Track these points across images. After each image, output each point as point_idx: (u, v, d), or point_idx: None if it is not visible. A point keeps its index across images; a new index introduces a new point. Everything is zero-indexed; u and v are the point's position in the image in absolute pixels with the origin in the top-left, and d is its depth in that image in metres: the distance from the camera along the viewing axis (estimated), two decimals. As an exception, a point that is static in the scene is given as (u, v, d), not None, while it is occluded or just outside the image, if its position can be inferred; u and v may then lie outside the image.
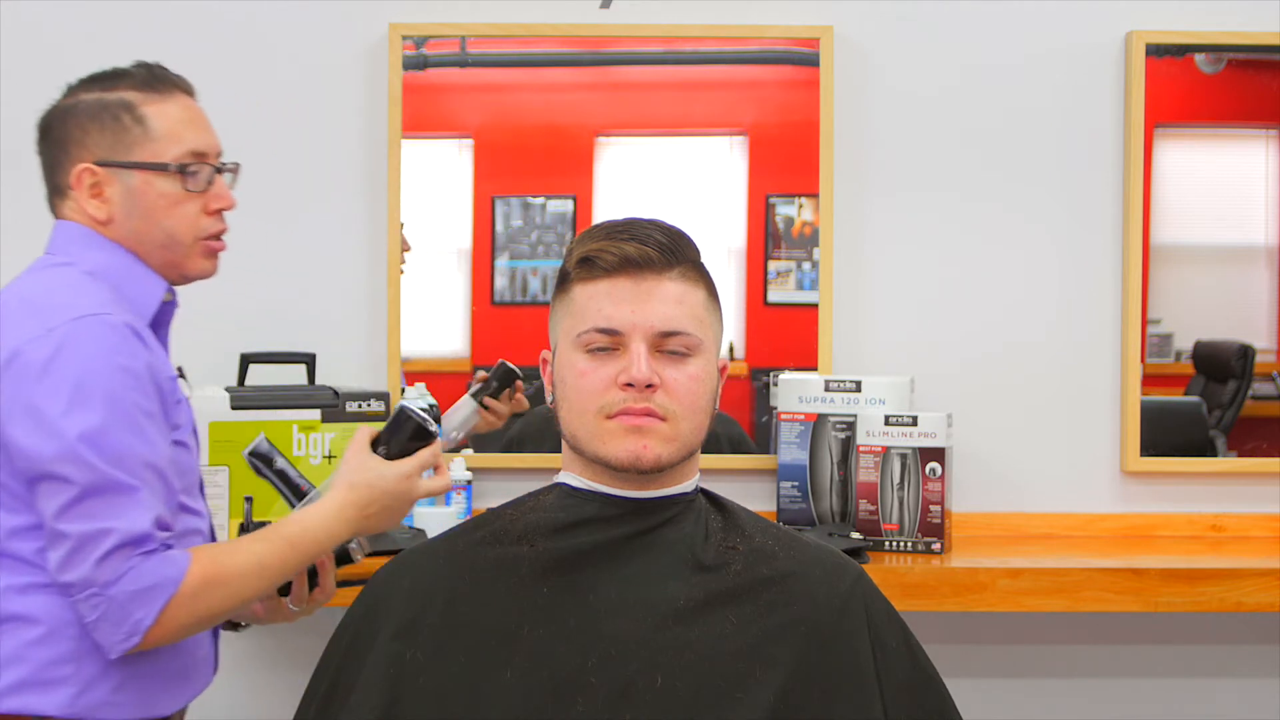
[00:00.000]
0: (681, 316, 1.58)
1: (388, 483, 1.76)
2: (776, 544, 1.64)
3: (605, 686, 1.50)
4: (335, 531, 1.75)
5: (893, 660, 1.61)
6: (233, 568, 1.68)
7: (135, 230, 1.78)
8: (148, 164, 1.77)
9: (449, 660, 1.53)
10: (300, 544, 1.73)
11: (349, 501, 1.75)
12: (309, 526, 1.74)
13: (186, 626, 1.65)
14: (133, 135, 1.78)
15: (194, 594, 1.63)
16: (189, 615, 1.64)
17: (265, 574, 1.71)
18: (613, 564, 1.57)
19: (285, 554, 1.72)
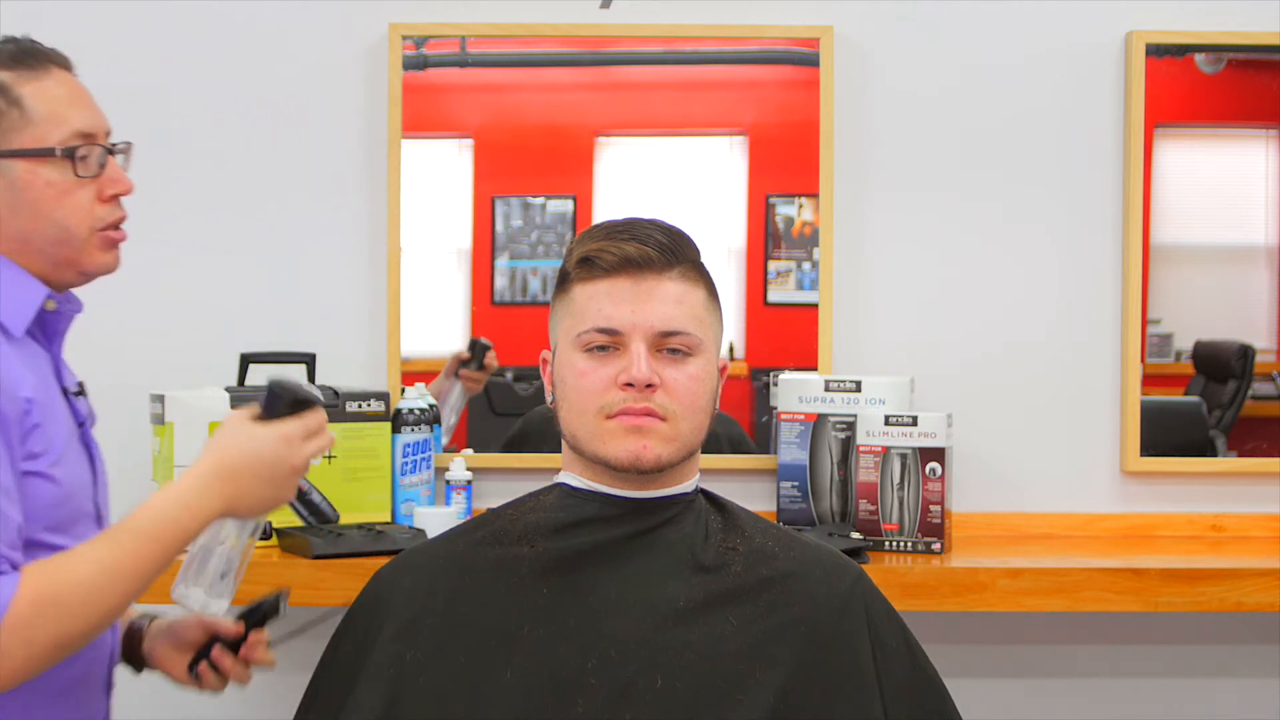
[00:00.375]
0: (681, 316, 1.58)
1: (260, 444, 1.52)
2: (776, 544, 1.64)
3: (605, 687, 1.50)
4: (198, 508, 1.50)
5: (892, 660, 1.61)
6: (74, 580, 1.43)
7: (21, 229, 1.56)
8: (30, 151, 1.56)
9: (449, 660, 1.53)
10: (156, 533, 1.47)
11: (212, 469, 1.50)
12: (163, 509, 1.49)
13: (31, 659, 1.42)
14: (9, 120, 1.56)
15: (27, 621, 1.40)
16: (28, 645, 1.41)
17: (119, 578, 1.46)
18: (613, 564, 1.57)
19: (139, 548, 1.46)
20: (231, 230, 2.69)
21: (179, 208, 2.68)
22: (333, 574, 2.26)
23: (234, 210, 2.69)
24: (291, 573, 2.28)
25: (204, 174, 2.68)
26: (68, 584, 1.43)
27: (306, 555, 2.31)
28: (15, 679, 1.42)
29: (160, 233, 2.68)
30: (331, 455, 2.45)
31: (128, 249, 1.65)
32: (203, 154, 2.68)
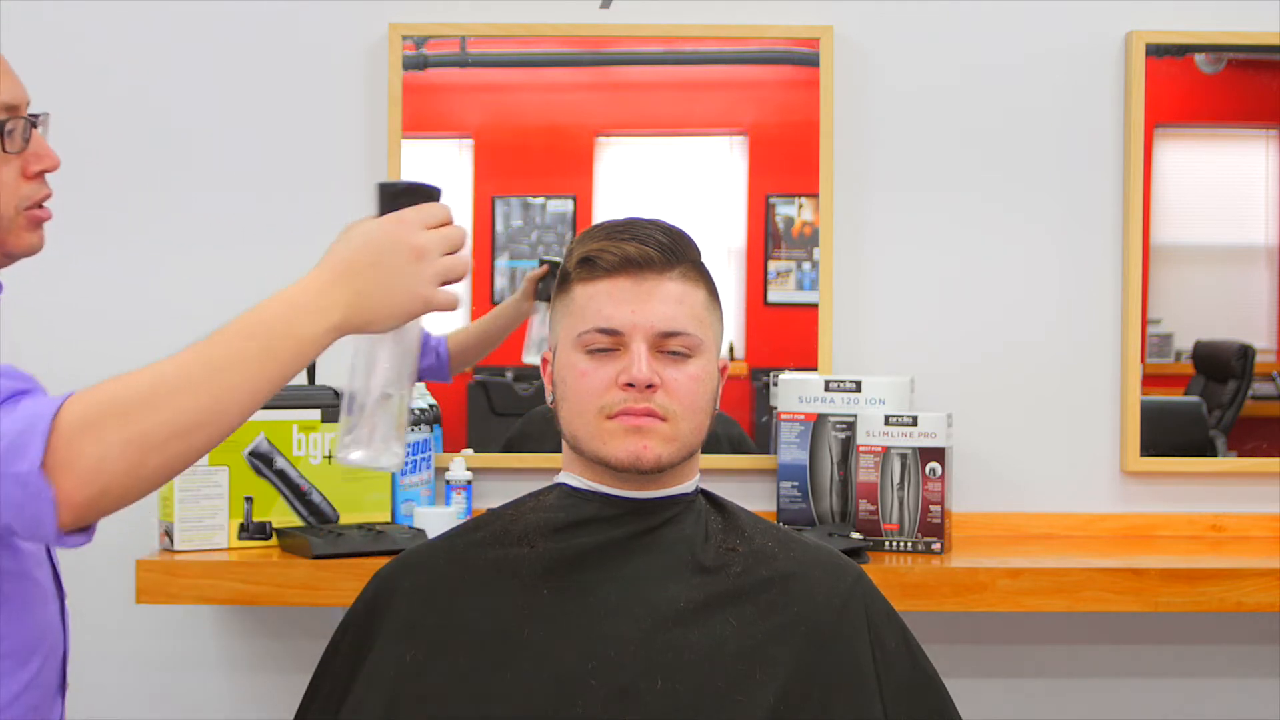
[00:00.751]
0: (682, 316, 1.58)
1: (371, 229, 1.33)
2: (776, 545, 1.64)
3: (605, 688, 1.50)
4: (310, 306, 1.29)
5: (892, 660, 1.61)
6: (148, 375, 1.24)
7: None
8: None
9: (449, 661, 1.53)
10: (262, 324, 1.27)
11: (325, 266, 1.31)
12: (266, 306, 1.29)
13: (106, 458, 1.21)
14: None
15: (89, 417, 1.21)
16: (98, 442, 1.21)
17: (209, 373, 1.25)
18: (613, 565, 1.57)
19: (233, 345, 1.26)
20: (231, 230, 2.69)
21: (178, 207, 2.68)
22: (333, 574, 2.26)
23: (234, 210, 2.69)
24: (291, 573, 2.28)
25: (204, 174, 2.68)
26: (138, 381, 1.24)
27: (306, 555, 2.31)
28: (94, 482, 1.22)
29: (160, 232, 2.68)
30: (331, 455, 2.45)
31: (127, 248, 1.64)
32: (203, 154, 2.69)
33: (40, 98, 2.40)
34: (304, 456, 2.44)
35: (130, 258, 2.68)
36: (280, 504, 2.44)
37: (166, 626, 2.64)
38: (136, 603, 2.29)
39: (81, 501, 1.22)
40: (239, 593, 2.30)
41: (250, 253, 2.68)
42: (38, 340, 2.71)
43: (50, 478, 1.20)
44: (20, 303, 2.77)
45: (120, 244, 2.67)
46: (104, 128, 2.68)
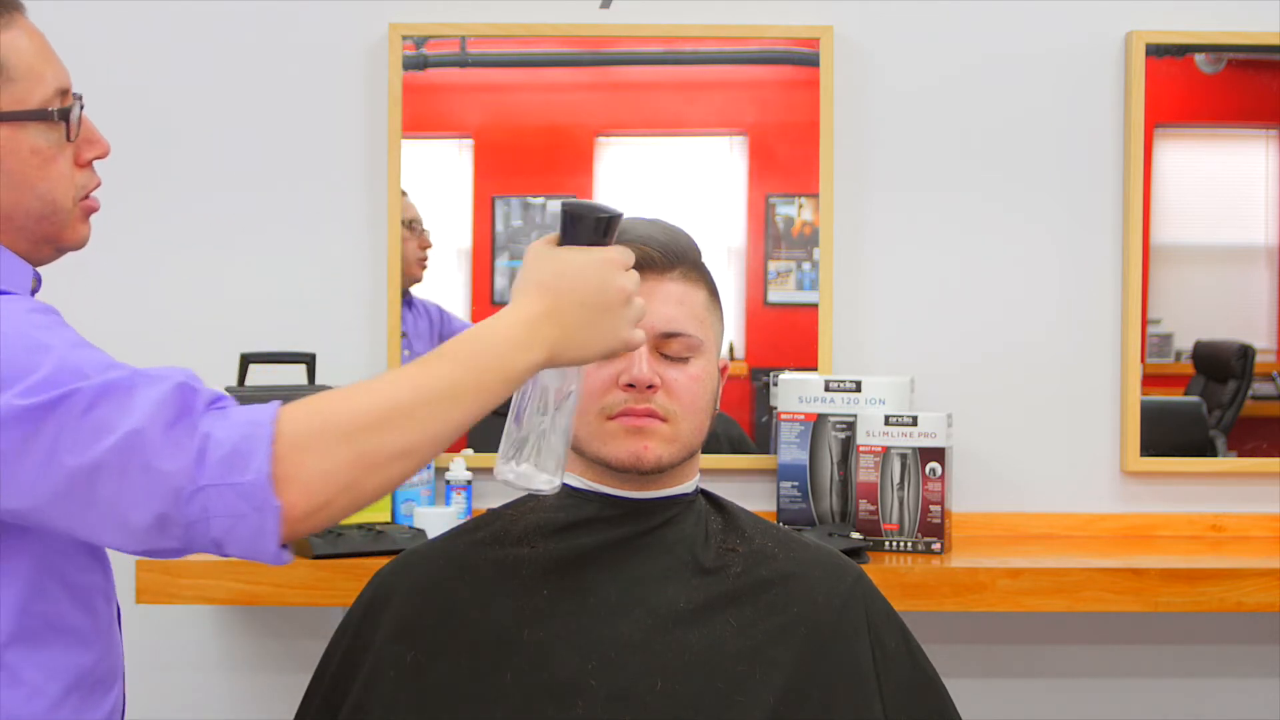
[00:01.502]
0: (682, 317, 1.58)
1: (581, 269, 1.31)
2: (776, 545, 1.64)
3: (605, 689, 1.50)
4: (521, 341, 1.28)
5: (892, 661, 1.61)
6: (371, 390, 1.23)
7: (2, 204, 1.36)
8: (21, 113, 1.35)
9: (448, 661, 1.53)
10: (473, 359, 1.25)
11: (542, 296, 1.30)
12: (479, 336, 1.28)
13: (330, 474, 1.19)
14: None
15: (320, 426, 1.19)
16: (333, 458, 1.18)
17: (429, 396, 1.23)
18: (613, 565, 1.57)
19: (454, 373, 1.25)
20: (231, 230, 2.69)
21: (178, 207, 2.68)
22: (333, 574, 2.26)
23: (233, 210, 2.69)
24: (292, 573, 2.28)
25: (204, 174, 2.68)
26: (360, 398, 1.22)
27: (307, 555, 2.31)
28: (319, 495, 1.19)
29: (159, 232, 2.68)
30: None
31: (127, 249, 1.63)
32: (202, 154, 2.69)
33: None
34: (304, 456, 2.44)
35: (130, 257, 2.68)
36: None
37: (166, 626, 2.64)
38: (137, 603, 2.29)
39: (301, 515, 1.20)
40: (239, 593, 2.30)
41: (250, 252, 2.68)
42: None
43: (277, 489, 1.18)
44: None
45: (119, 243, 2.67)
46: (104, 127, 2.67)
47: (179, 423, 1.18)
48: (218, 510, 1.18)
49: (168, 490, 1.18)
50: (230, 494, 1.17)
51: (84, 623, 1.36)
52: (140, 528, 1.19)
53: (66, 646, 1.33)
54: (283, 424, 1.19)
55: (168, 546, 1.21)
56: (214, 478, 1.17)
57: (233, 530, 1.19)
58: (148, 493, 1.18)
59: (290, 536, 1.20)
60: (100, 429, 1.18)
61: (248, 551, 1.20)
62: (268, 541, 1.19)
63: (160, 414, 1.18)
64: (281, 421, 1.19)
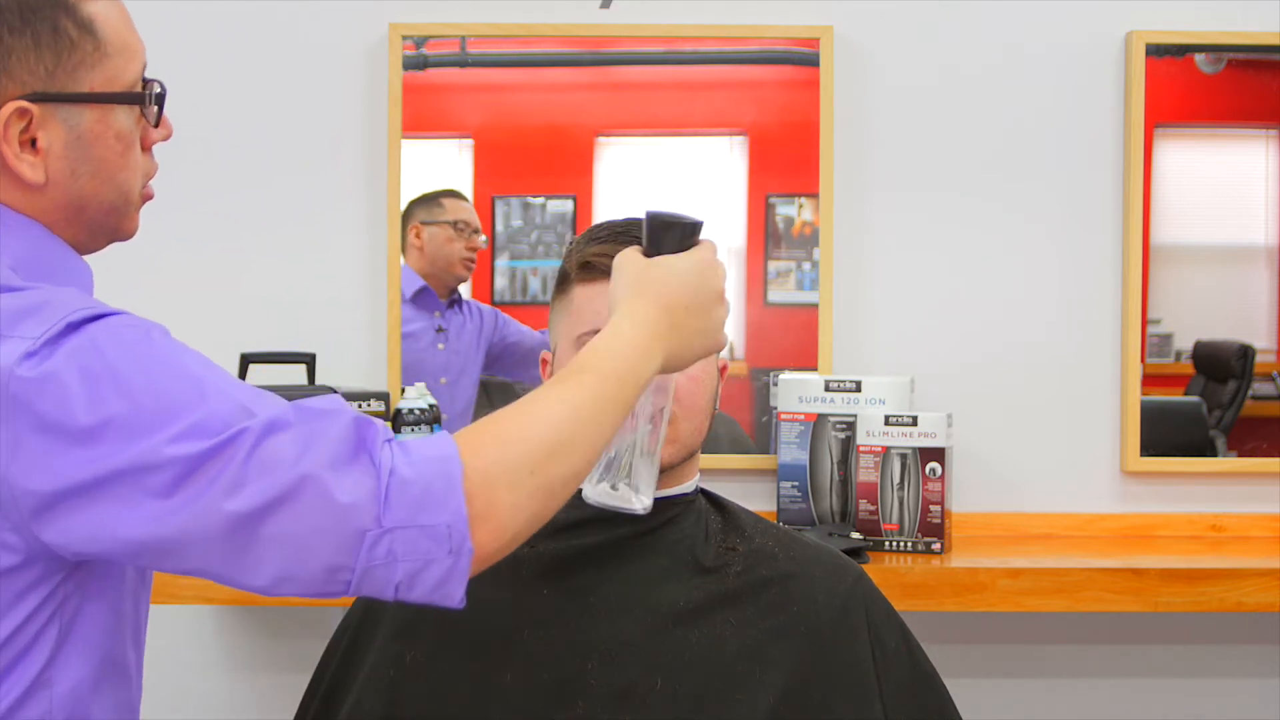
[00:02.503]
0: (682, 317, 1.58)
1: (692, 268, 1.32)
2: (776, 545, 1.64)
3: (605, 688, 1.50)
4: (649, 350, 1.27)
5: (892, 660, 1.61)
6: (533, 417, 1.18)
7: (80, 193, 1.25)
8: (116, 95, 1.24)
9: (448, 661, 1.53)
10: (612, 371, 1.23)
11: (657, 303, 1.28)
12: (614, 348, 1.25)
13: (525, 511, 1.15)
14: (81, 52, 1.22)
15: (507, 460, 1.14)
16: (522, 490, 1.14)
17: (588, 414, 1.20)
18: (613, 565, 1.57)
19: (603, 388, 1.22)
20: (231, 230, 2.69)
21: (178, 207, 2.68)
22: (333, 574, 2.26)
23: (233, 210, 2.69)
24: (291, 573, 2.28)
25: (203, 174, 2.68)
26: (530, 426, 1.17)
27: (306, 555, 2.30)
28: (508, 531, 1.14)
29: (159, 232, 2.68)
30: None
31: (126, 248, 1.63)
32: (202, 154, 2.68)
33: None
34: (304, 456, 2.44)
35: (129, 257, 2.67)
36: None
37: (166, 626, 2.64)
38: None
39: (492, 553, 1.15)
40: (239, 593, 2.29)
41: (250, 252, 2.68)
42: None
43: (472, 530, 1.12)
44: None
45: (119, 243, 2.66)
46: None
47: (357, 460, 1.10)
48: (406, 554, 1.10)
49: (349, 533, 1.09)
50: (421, 537, 1.10)
51: (134, 659, 1.31)
52: (309, 574, 1.11)
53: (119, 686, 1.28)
54: (467, 458, 1.12)
55: (330, 591, 1.12)
56: (403, 519, 1.10)
57: (420, 575, 1.11)
58: (323, 537, 1.09)
59: (473, 575, 1.15)
60: (268, 469, 1.09)
61: (432, 597, 1.13)
62: (456, 586, 1.13)
63: (339, 452, 1.10)
64: (465, 455, 1.13)
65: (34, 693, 1.18)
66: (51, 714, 1.18)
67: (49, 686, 1.18)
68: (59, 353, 1.11)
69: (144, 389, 1.10)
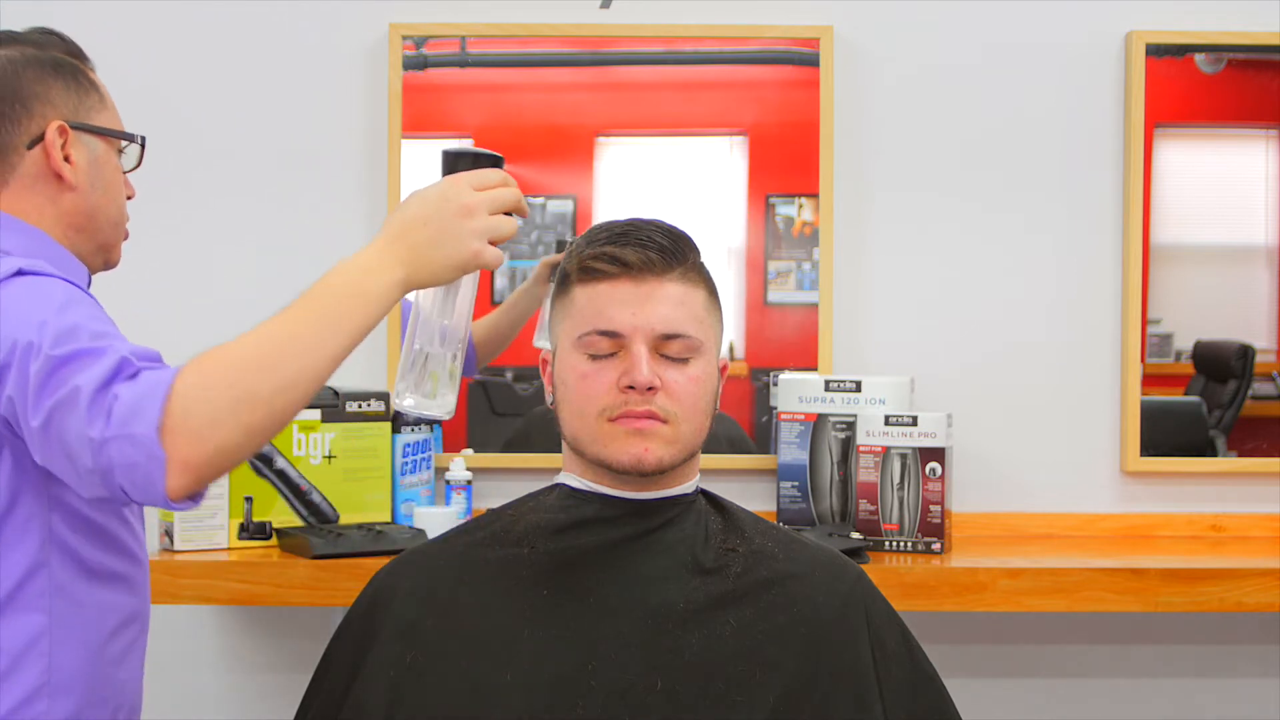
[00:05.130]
0: (682, 318, 1.58)
1: (426, 192, 1.46)
2: (776, 545, 1.64)
3: (605, 689, 1.50)
4: (374, 267, 1.41)
5: (892, 661, 1.61)
6: (245, 343, 1.37)
7: (95, 204, 1.61)
8: (120, 133, 1.64)
9: (449, 662, 1.53)
10: (332, 288, 1.40)
11: (384, 231, 1.44)
12: (335, 273, 1.42)
13: (217, 421, 1.32)
14: (91, 100, 1.61)
15: (201, 382, 1.32)
16: (208, 403, 1.32)
17: (297, 338, 1.37)
18: (613, 566, 1.57)
19: (314, 306, 1.39)
20: (231, 229, 2.69)
21: (178, 207, 2.68)
22: (333, 574, 2.26)
23: (233, 209, 2.69)
24: (292, 573, 2.28)
25: (204, 174, 2.68)
26: (239, 348, 1.37)
27: (306, 555, 2.31)
28: (214, 443, 1.32)
29: (159, 232, 2.68)
30: (332, 455, 2.45)
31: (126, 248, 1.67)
32: (202, 154, 2.69)
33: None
34: (304, 457, 2.44)
35: (129, 257, 2.67)
36: (280, 504, 2.44)
37: (166, 626, 2.64)
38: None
39: (198, 462, 1.32)
40: (239, 593, 2.30)
41: (250, 251, 2.68)
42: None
43: (164, 440, 1.30)
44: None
45: (120, 244, 2.67)
46: (104, 128, 2.68)
47: (106, 387, 1.33)
48: (119, 460, 1.32)
49: (85, 440, 1.33)
50: (125, 443, 1.31)
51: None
52: (77, 471, 1.37)
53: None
54: (178, 380, 1.32)
55: (102, 495, 1.36)
56: (114, 431, 1.31)
57: (130, 478, 1.32)
58: (78, 444, 1.34)
59: (191, 485, 1.33)
60: (62, 383, 1.36)
61: (145, 497, 1.34)
62: (157, 489, 1.32)
63: (104, 377, 1.34)
64: (178, 378, 1.32)
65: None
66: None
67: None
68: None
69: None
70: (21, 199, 1.57)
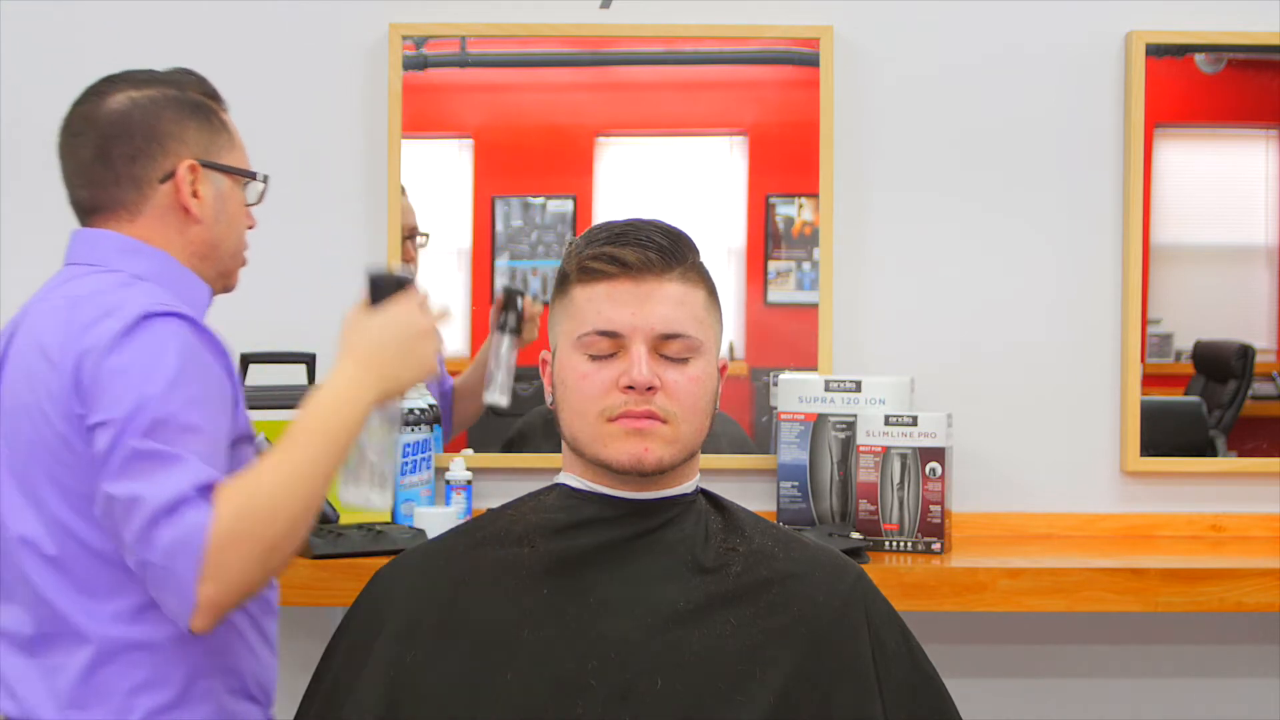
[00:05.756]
0: (682, 318, 1.58)
1: (386, 320, 1.64)
2: (776, 545, 1.64)
3: (605, 688, 1.50)
4: (355, 398, 1.59)
5: (892, 661, 1.61)
6: (263, 488, 1.52)
7: (218, 235, 1.77)
8: (244, 170, 1.80)
9: (449, 662, 1.53)
10: (326, 426, 1.57)
11: (355, 361, 1.62)
12: (324, 406, 1.58)
13: (247, 570, 1.49)
14: (222, 140, 1.76)
15: (232, 536, 1.47)
16: (241, 558, 1.48)
17: (303, 477, 1.54)
18: (613, 565, 1.57)
19: (315, 444, 1.55)
20: (231, 230, 2.69)
21: (179, 208, 2.68)
22: (333, 574, 2.26)
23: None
24: (292, 573, 2.28)
25: (204, 174, 2.68)
26: (259, 493, 1.51)
27: (306, 555, 2.30)
28: (240, 589, 1.50)
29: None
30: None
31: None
32: (203, 154, 2.69)
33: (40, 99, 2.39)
34: (304, 456, 2.44)
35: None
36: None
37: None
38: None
39: (225, 604, 1.49)
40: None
41: (250, 252, 2.67)
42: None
43: (199, 589, 1.47)
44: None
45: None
46: (104, 128, 2.68)
47: (159, 520, 1.48)
48: (154, 581, 1.50)
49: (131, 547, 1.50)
50: (166, 577, 1.48)
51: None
52: (124, 550, 1.53)
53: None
54: (211, 536, 1.46)
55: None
56: (159, 561, 1.48)
57: (161, 597, 1.50)
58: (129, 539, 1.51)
59: (212, 620, 1.49)
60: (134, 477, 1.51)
61: (170, 615, 1.51)
62: (182, 620, 1.49)
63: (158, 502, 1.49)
64: (211, 534, 1.46)
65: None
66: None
67: None
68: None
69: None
70: (152, 228, 1.72)
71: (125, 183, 1.70)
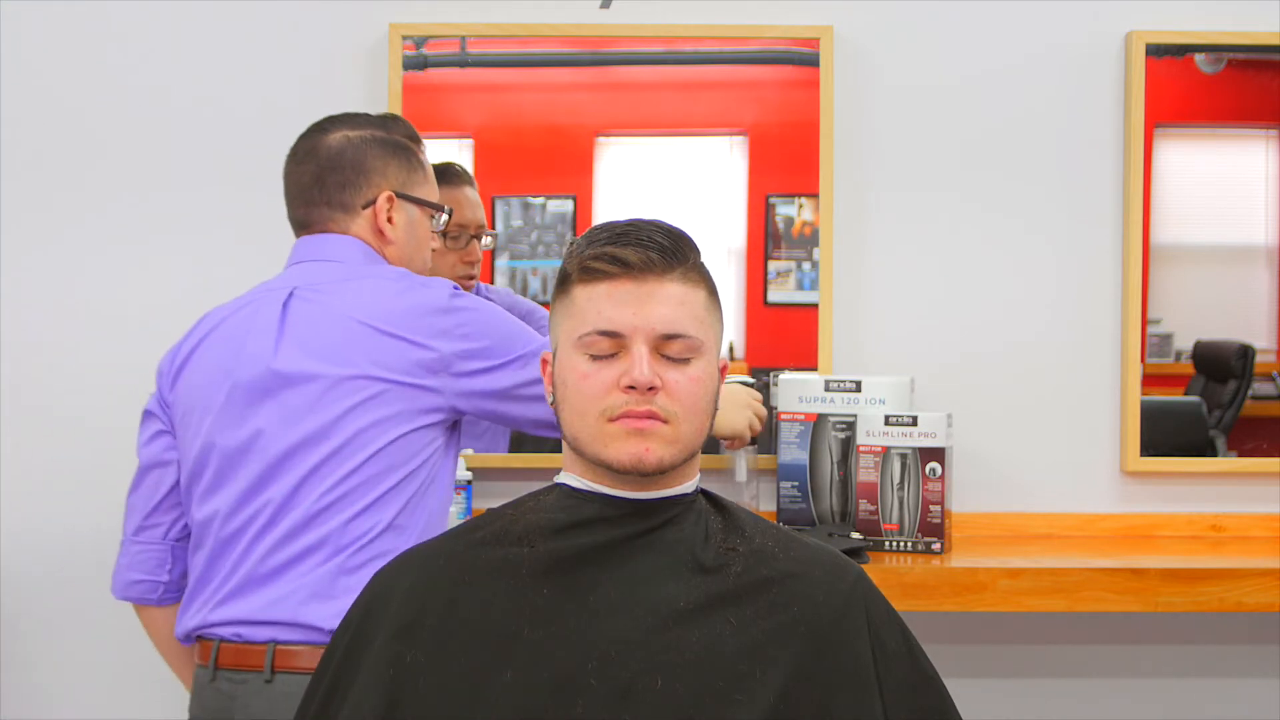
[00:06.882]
0: (683, 318, 1.58)
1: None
2: (776, 545, 1.64)
3: (605, 688, 1.50)
4: None
5: (892, 661, 1.61)
6: None
7: (409, 255, 2.07)
8: (434, 204, 2.10)
9: (448, 661, 1.53)
10: None
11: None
12: None
13: None
14: (418, 176, 2.08)
15: None
16: None
17: None
18: (613, 565, 1.57)
19: None
20: (232, 230, 2.69)
21: (179, 208, 2.68)
22: (333, 574, 2.25)
23: (235, 210, 2.69)
24: (291, 573, 2.28)
25: (204, 174, 2.68)
26: None
27: (306, 555, 2.30)
28: None
29: (160, 233, 2.68)
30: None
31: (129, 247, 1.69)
32: (203, 154, 2.69)
33: (40, 98, 2.40)
34: (304, 456, 2.44)
35: (130, 256, 2.68)
36: (280, 504, 2.43)
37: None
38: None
39: None
40: (239, 593, 2.29)
41: (251, 252, 2.68)
42: (48, 334, 2.71)
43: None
44: (29, 301, 2.76)
45: (121, 242, 2.67)
46: (103, 127, 2.68)
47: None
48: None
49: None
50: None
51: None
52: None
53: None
54: None
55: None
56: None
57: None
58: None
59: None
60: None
61: None
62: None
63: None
64: None
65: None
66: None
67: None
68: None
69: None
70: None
71: (335, 206, 2.05)
